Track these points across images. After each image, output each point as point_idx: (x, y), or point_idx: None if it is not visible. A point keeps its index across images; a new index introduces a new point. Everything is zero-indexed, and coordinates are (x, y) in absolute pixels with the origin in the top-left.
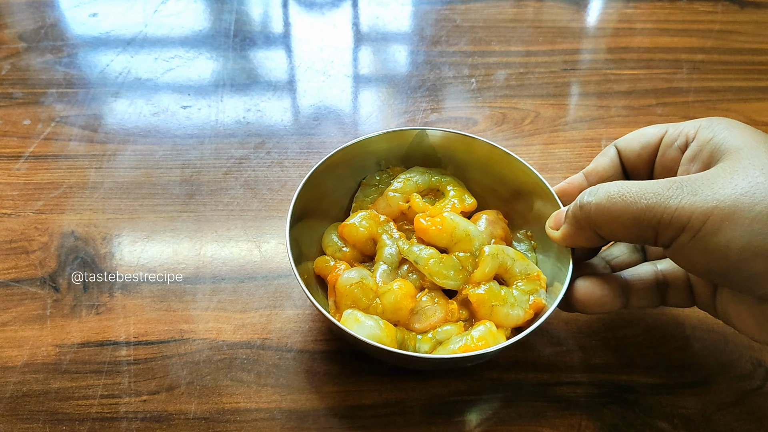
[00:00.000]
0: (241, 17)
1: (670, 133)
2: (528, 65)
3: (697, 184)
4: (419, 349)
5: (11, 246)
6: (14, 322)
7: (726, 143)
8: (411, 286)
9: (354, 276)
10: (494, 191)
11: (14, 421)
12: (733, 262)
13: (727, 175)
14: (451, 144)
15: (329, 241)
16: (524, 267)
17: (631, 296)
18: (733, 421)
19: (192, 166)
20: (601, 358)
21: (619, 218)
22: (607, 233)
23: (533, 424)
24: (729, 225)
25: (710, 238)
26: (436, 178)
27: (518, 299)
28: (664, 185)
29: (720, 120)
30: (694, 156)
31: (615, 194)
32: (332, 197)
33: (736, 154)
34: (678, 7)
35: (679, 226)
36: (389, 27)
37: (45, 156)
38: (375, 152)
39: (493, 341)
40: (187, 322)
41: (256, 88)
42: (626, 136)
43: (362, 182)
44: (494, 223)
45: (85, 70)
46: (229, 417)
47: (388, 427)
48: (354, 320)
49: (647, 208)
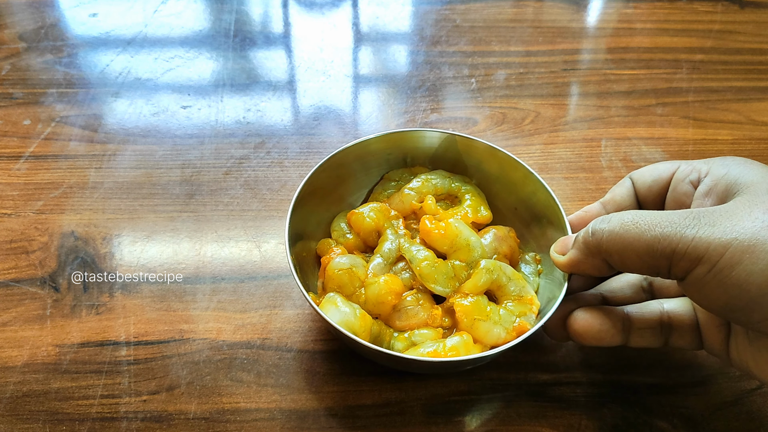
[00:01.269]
0: (241, 17)
1: (683, 168)
2: (528, 65)
3: (715, 215)
4: (393, 345)
5: (11, 246)
6: (14, 322)
7: (742, 178)
8: (398, 282)
9: (345, 262)
10: (515, 210)
11: (14, 421)
12: (753, 297)
13: (746, 208)
14: (478, 154)
15: (336, 225)
16: (519, 288)
17: (632, 334)
18: (733, 421)
19: (192, 166)
20: (601, 358)
21: (632, 246)
22: (618, 262)
23: (533, 424)
24: (750, 258)
25: (729, 271)
26: (456, 184)
27: (503, 318)
28: (680, 215)
29: (733, 158)
30: (708, 191)
31: (629, 222)
32: (353, 183)
33: (754, 188)
34: (678, 7)
35: (695, 258)
36: (389, 27)
37: (45, 156)
38: (403, 148)
39: (465, 354)
40: (187, 322)
41: (256, 88)
42: (640, 169)
43: (385, 176)
44: (502, 240)
45: (85, 70)
46: (229, 417)
47: (388, 427)
48: (332, 304)
49: (662, 237)
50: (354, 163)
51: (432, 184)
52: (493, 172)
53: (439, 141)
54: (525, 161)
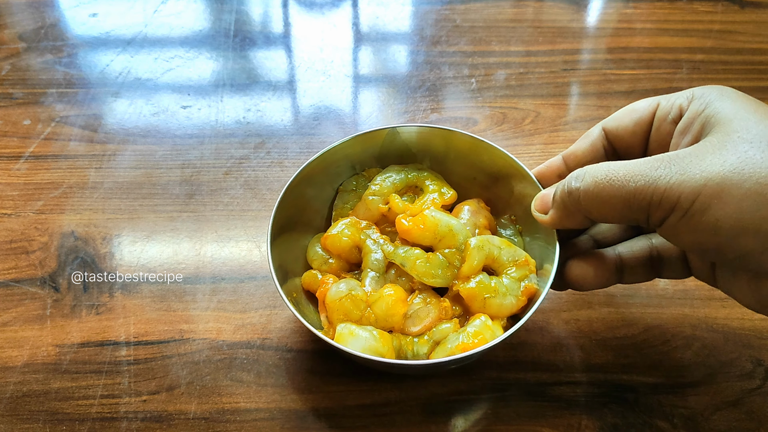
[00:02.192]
0: (241, 17)
1: (663, 105)
2: (528, 65)
3: (685, 161)
4: (417, 352)
5: (11, 246)
6: (14, 322)
7: (717, 114)
8: (401, 290)
9: (343, 289)
10: (473, 179)
11: (14, 421)
12: (723, 239)
13: (716, 150)
14: (424, 138)
15: (314, 254)
16: (512, 254)
17: (624, 272)
18: (733, 420)
19: (192, 166)
20: (601, 357)
21: (609, 203)
22: (598, 217)
23: (533, 423)
24: (718, 203)
25: (700, 217)
26: (413, 174)
27: (510, 287)
28: (651, 164)
29: (713, 89)
30: (685, 128)
31: (602, 179)
32: (313, 207)
33: (727, 126)
34: (678, 7)
35: (669, 207)
36: (389, 27)
37: (45, 156)
38: (349, 156)
39: (490, 334)
40: (187, 322)
41: (256, 88)
42: (614, 114)
43: (339, 189)
44: (477, 213)
45: (85, 70)
46: (229, 417)
47: (388, 427)
48: (348, 334)
49: (636, 191)
50: (308, 189)
51: (390, 182)
52: (441, 151)
53: (382, 138)
54: (525, 162)
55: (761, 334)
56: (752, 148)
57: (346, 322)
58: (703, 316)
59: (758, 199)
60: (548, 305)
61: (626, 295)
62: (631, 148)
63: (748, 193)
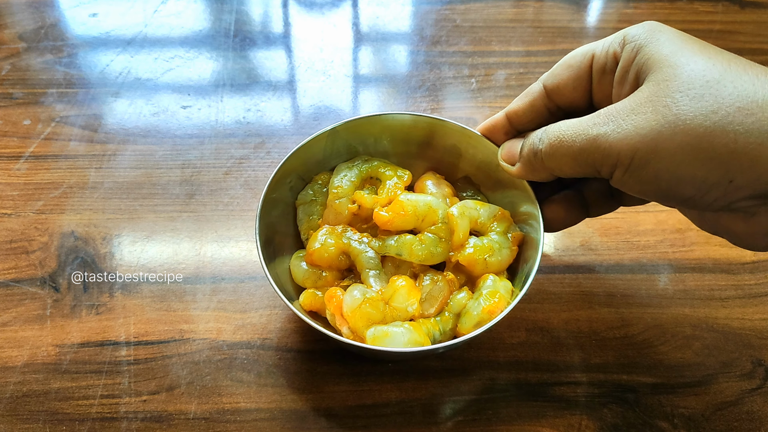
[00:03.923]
0: (241, 17)
1: (598, 56)
2: (528, 65)
3: (621, 116)
4: (444, 330)
5: (11, 246)
6: (14, 322)
7: (648, 60)
8: (408, 278)
9: (357, 296)
10: (415, 155)
11: (14, 421)
12: (664, 189)
13: (648, 102)
14: (360, 129)
15: (303, 273)
16: (489, 211)
17: (591, 207)
18: (733, 420)
19: (192, 166)
20: (601, 357)
21: (565, 161)
22: (560, 174)
23: (533, 423)
24: (655, 158)
25: (640, 171)
26: (365, 166)
27: (500, 242)
28: (592, 123)
29: (644, 28)
30: (622, 78)
31: (554, 140)
32: (281, 230)
33: (658, 73)
34: (678, 7)
35: (611, 163)
36: (389, 27)
37: (45, 156)
38: (295, 170)
39: (504, 287)
40: (187, 322)
41: (256, 88)
42: (552, 70)
43: (297, 203)
44: (439, 184)
45: (85, 70)
46: (230, 417)
47: (388, 427)
48: (384, 336)
49: (582, 150)
50: (273, 210)
51: (349, 180)
52: (375, 133)
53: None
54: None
55: (761, 334)
56: (682, 97)
57: (372, 325)
58: (703, 316)
59: (690, 151)
60: (548, 305)
61: (626, 295)
62: (575, 102)
63: (680, 146)
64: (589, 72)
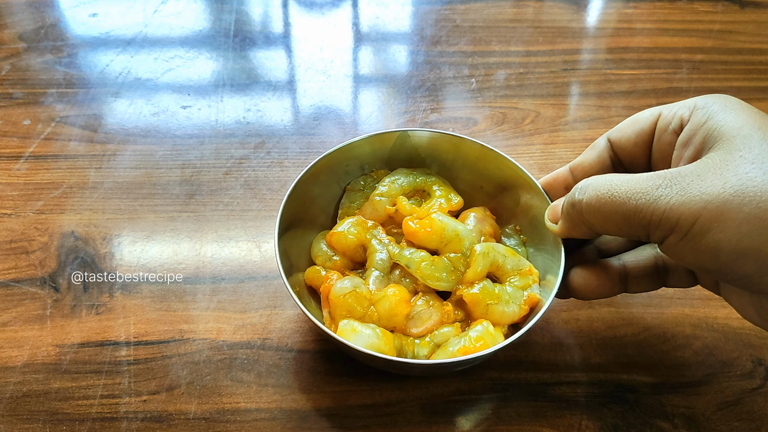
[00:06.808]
0: (241, 17)
1: (665, 115)
2: (528, 65)
3: (686, 180)
4: (418, 353)
5: (11, 246)
6: (14, 322)
7: (720, 128)
8: (405, 291)
9: (347, 285)
10: (480, 188)
11: (14, 422)
12: (723, 262)
13: (717, 169)
14: (434, 143)
15: (318, 250)
16: (516, 263)
17: (629, 282)
18: (733, 420)
19: (192, 166)
20: (601, 357)
21: (611, 218)
22: (601, 230)
23: (533, 423)
24: (717, 227)
25: (699, 239)
26: (421, 178)
27: (513, 296)
28: (653, 183)
29: (716, 99)
30: (687, 141)
31: (604, 194)
32: (318, 205)
33: (729, 143)
34: (678, 7)
35: (668, 227)
36: (389, 27)
37: (45, 156)
38: (358, 157)
39: (492, 340)
40: (187, 322)
41: (256, 88)
42: (619, 125)
43: (347, 188)
44: (482, 221)
45: (85, 70)
46: (230, 417)
47: (388, 427)
48: (351, 330)
49: (636, 209)
50: (314, 187)
51: (399, 185)
52: (449, 158)
53: (392, 141)
54: (525, 162)
55: (761, 334)
56: (754, 168)
57: (349, 318)
58: (703, 315)
59: (758, 224)
60: None
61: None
62: (635, 159)
63: (748, 217)
64: (653, 128)
